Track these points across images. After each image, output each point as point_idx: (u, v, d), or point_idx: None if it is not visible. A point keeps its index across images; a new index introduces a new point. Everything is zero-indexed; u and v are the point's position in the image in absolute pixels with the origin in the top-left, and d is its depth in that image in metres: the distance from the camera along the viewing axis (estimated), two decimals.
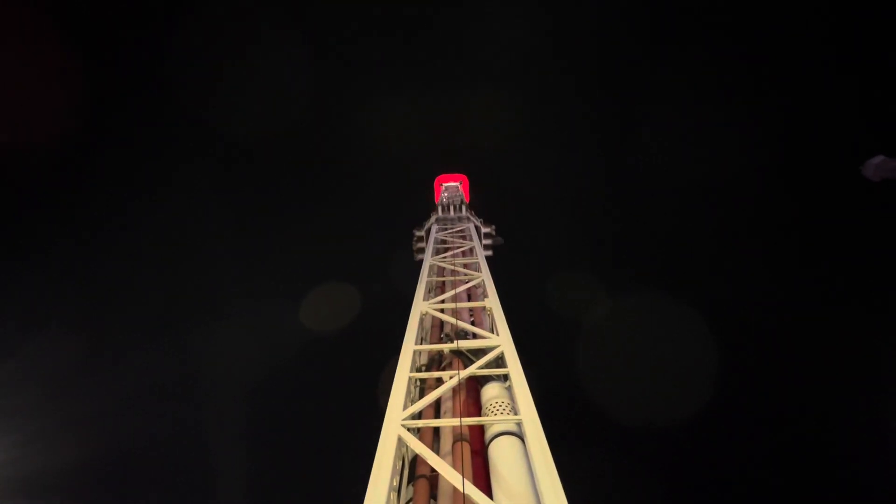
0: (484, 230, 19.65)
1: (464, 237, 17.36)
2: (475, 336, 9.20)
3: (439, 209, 21.15)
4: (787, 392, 28.34)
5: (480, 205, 22.46)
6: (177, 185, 35.63)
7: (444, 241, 17.01)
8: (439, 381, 8.08)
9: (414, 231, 20.01)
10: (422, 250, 18.27)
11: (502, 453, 6.14)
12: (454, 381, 7.46)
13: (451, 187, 29.73)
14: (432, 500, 6.18)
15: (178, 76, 36.76)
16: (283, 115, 37.84)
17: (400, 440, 6.10)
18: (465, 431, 6.70)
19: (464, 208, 21.34)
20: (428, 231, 19.29)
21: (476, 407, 7.60)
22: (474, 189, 27.91)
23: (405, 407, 6.80)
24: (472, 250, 15.36)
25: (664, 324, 30.82)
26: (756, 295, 32.12)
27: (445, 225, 18.99)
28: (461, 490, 5.18)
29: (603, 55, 39.42)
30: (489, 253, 18.45)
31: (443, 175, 31.18)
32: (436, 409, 8.30)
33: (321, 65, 40.50)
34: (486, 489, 5.85)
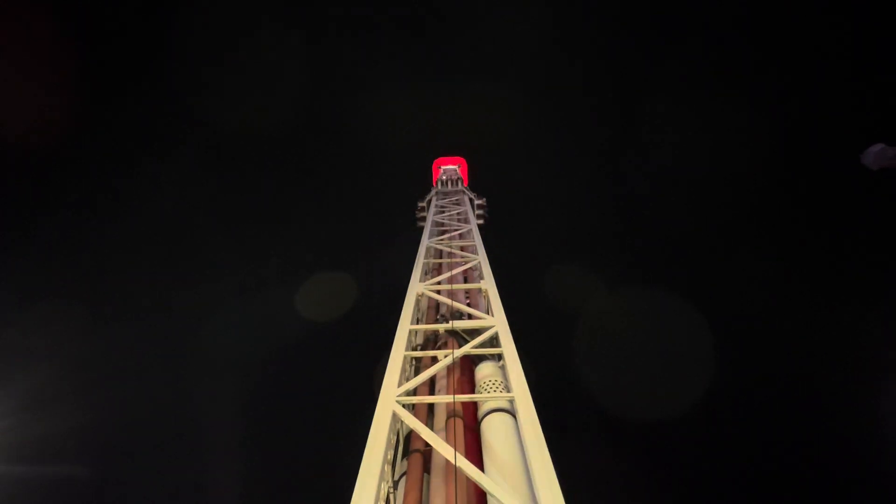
0: (477, 202, 21.99)
1: (461, 220, 17.40)
2: (470, 317, 9.32)
3: (438, 184, 24.30)
4: (787, 388, 28.24)
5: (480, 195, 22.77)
6: (170, 177, 35.28)
7: (441, 224, 17.08)
8: (434, 361, 8.20)
9: (418, 203, 22.65)
10: (423, 219, 20.40)
11: (494, 429, 6.29)
12: (449, 360, 7.59)
13: (449, 170, 29.68)
14: (426, 474, 6.33)
15: (172, 66, 36.28)
16: (277, 106, 37.39)
17: (394, 416, 6.23)
18: (459, 408, 6.84)
19: (459, 183, 24.44)
20: (429, 202, 21.36)
21: (470, 385, 7.74)
22: (474, 180, 27.89)
23: (400, 384, 6.92)
24: (469, 232, 15.41)
25: (663, 318, 30.78)
26: (756, 290, 31.99)
27: (444, 198, 20.55)
28: (454, 463, 5.33)
29: (606, 46, 38.81)
30: (481, 222, 20.54)
31: (441, 158, 31.06)
32: (430, 388, 8.43)
33: (316, 56, 39.80)
34: (479, 463, 6.00)
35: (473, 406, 7.03)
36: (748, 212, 35.00)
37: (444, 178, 26.07)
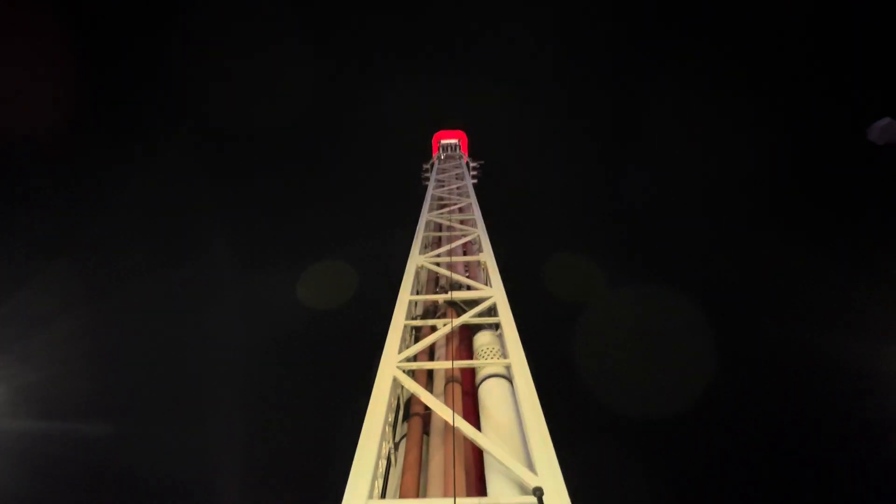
0: (472, 164, 25.78)
1: (461, 194, 17.46)
2: (469, 288, 9.49)
3: (440, 149, 27.51)
4: (788, 387, 27.80)
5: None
6: (168, 169, 34.84)
7: (441, 198, 17.13)
8: (434, 331, 8.40)
9: (423, 165, 26.33)
10: (427, 178, 23.29)
11: (491, 393, 6.52)
12: (448, 329, 7.79)
13: (449, 146, 29.59)
14: (425, 436, 6.60)
15: (174, 65, 35.68)
16: (274, 99, 36.77)
17: (395, 380, 6.46)
18: (458, 374, 7.08)
19: (458, 149, 27.83)
20: (432, 165, 24.80)
21: (468, 353, 7.96)
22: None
23: (400, 351, 7.14)
24: (469, 206, 15.48)
25: (664, 315, 30.33)
26: (759, 285, 31.44)
27: (444, 173, 21.74)
28: (452, 424, 5.56)
29: (607, 45, 37.78)
30: (475, 181, 23.33)
31: (441, 131, 30.84)
32: (430, 356, 8.68)
33: (312, 50, 38.76)
34: (476, 425, 6.24)
35: (471, 372, 7.26)
36: (753, 207, 34.34)
37: (442, 155, 27.12)
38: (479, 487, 5.36)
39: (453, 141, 30.46)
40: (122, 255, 31.71)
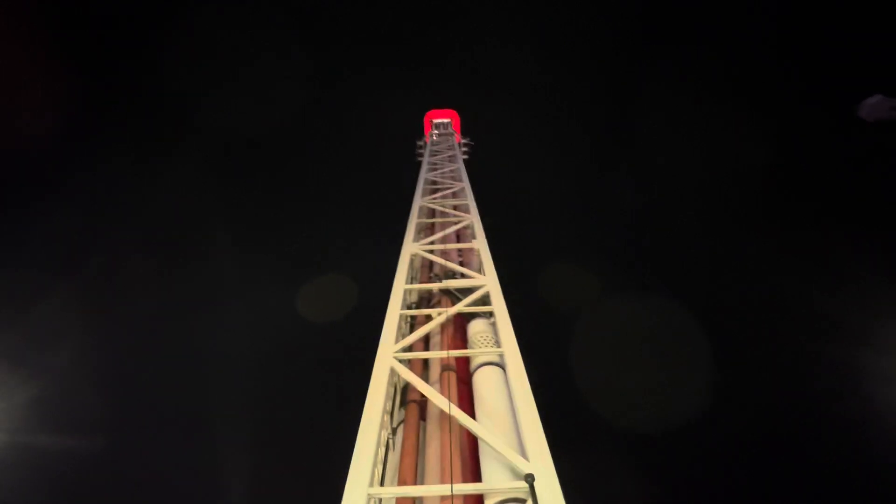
0: (462, 141, 25.94)
1: (454, 178, 17.49)
2: (463, 276, 9.66)
3: (433, 127, 27.82)
4: (788, 391, 27.89)
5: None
6: (170, 178, 34.35)
7: (434, 182, 17.16)
8: (429, 319, 8.61)
9: (417, 142, 26.60)
10: (422, 155, 23.59)
11: (485, 381, 6.77)
12: (442, 318, 8.00)
13: (441, 125, 29.39)
14: (422, 422, 6.87)
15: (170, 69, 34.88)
16: (271, 107, 36.02)
17: (392, 370, 6.68)
18: (452, 362, 7.31)
19: (449, 127, 28.02)
20: (425, 144, 25.36)
21: (463, 342, 8.19)
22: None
23: (397, 341, 7.35)
24: (462, 191, 15.54)
25: (660, 322, 30.27)
26: (756, 291, 31.37)
27: (436, 155, 21.68)
28: (447, 412, 5.81)
29: (603, 46, 37.08)
30: (465, 157, 23.89)
31: (433, 111, 30.59)
32: (425, 344, 8.90)
33: (309, 53, 37.87)
34: (470, 412, 6.51)
35: (466, 360, 7.50)
36: (749, 209, 34.09)
37: (435, 133, 27.08)
38: (475, 473, 5.63)
39: (445, 120, 30.27)
40: (123, 265, 31.54)
